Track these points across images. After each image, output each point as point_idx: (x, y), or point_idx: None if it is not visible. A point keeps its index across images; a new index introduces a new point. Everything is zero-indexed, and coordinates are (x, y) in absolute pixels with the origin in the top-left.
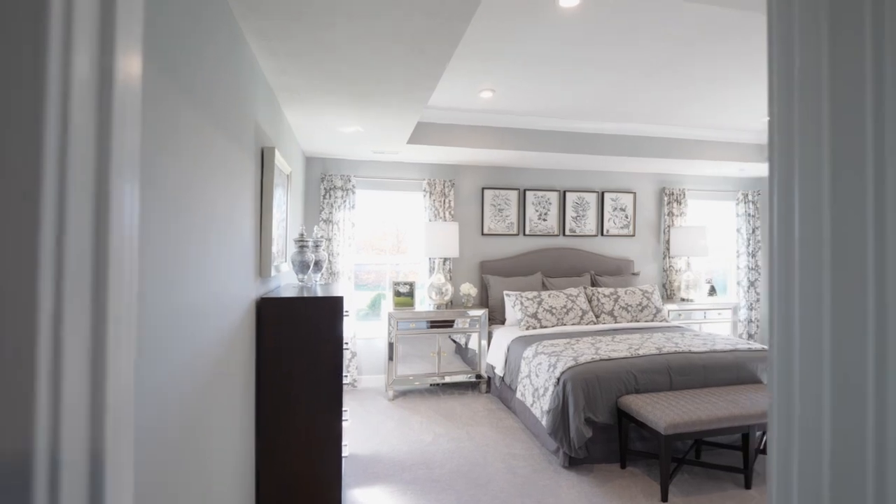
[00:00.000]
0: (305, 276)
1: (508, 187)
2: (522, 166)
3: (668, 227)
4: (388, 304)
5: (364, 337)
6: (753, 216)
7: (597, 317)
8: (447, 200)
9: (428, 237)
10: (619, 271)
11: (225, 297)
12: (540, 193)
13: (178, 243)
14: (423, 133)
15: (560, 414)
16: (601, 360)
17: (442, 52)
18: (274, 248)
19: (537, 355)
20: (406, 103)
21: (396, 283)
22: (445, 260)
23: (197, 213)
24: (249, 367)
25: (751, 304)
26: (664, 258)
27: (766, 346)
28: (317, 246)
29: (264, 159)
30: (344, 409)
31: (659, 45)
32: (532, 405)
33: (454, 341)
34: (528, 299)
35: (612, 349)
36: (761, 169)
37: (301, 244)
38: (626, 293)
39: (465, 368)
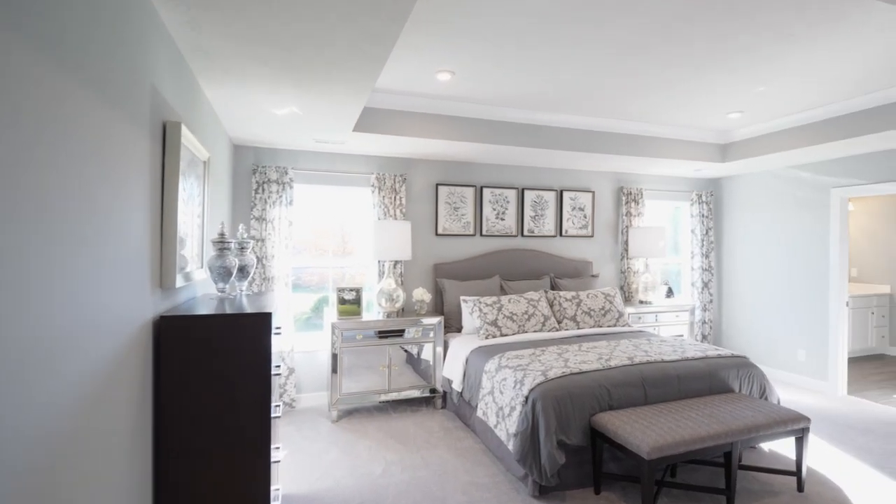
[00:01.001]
0: (227, 286)
1: (464, 184)
2: (479, 161)
3: (627, 227)
4: (332, 312)
5: (304, 350)
6: (707, 217)
7: (559, 322)
8: (398, 197)
9: (377, 237)
10: (578, 273)
11: (97, 318)
12: (497, 191)
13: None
14: (371, 120)
15: (530, 437)
16: (572, 373)
17: (398, 8)
18: (184, 252)
19: (501, 369)
20: (353, 77)
21: (341, 290)
22: (396, 263)
23: (46, 204)
24: (142, 408)
25: (704, 304)
26: (622, 259)
27: (735, 353)
28: (242, 248)
29: (167, 137)
30: (275, 446)
31: (632, 23)
32: (496, 426)
33: (406, 351)
34: (486, 305)
35: (582, 360)
36: (717, 169)
37: (221, 246)
38: (588, 297)
39: (418, 382)
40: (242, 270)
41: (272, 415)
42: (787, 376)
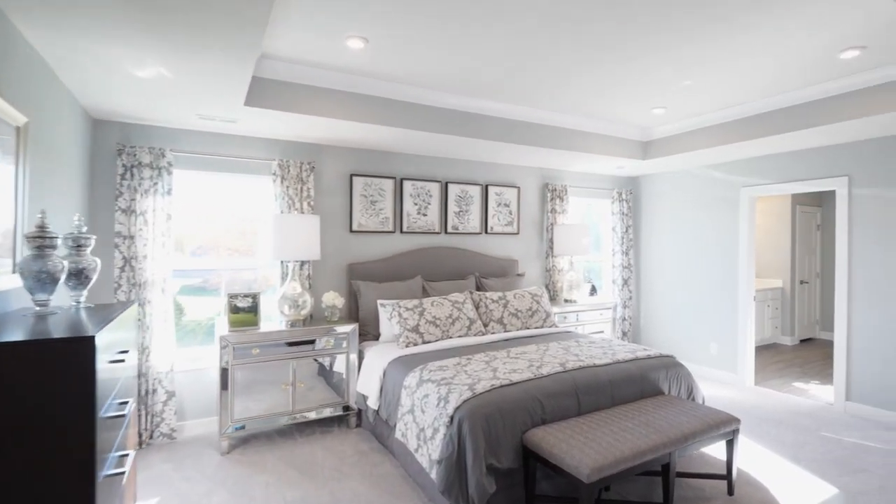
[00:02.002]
0: (50, 297)
1: (383, 175)
2: (400, 151)
3: (552, 224)
4: (223, 323)
5: (189, 368)
6: (627, 214)
7: (485, 326)
8: (305, 188)
9: (278, 234)
10: (504, 272)
11: None
12: (420, 184)
13: None
14: (268, 92)
15: (455, 464)
16: (502, 385)
17: None
18: None
19: (423, 384)
20: (235, 25)
21: (233, 296)
22: (303, 263)
23: None
24: None
25: (625, 302)
26: (547, 257)
27: (663, 352)
28: (79, 246)
29: None
30: None
31: None
32: (417, 450)
33: (318, 362)
34: (407, 310)
35: (512, 369)
36: (638, 167)
37: (40, 244)
38: (514, 297)
39: (331, 399)
40: (79, 276)
41: (105, 473)
42: (701, 370)
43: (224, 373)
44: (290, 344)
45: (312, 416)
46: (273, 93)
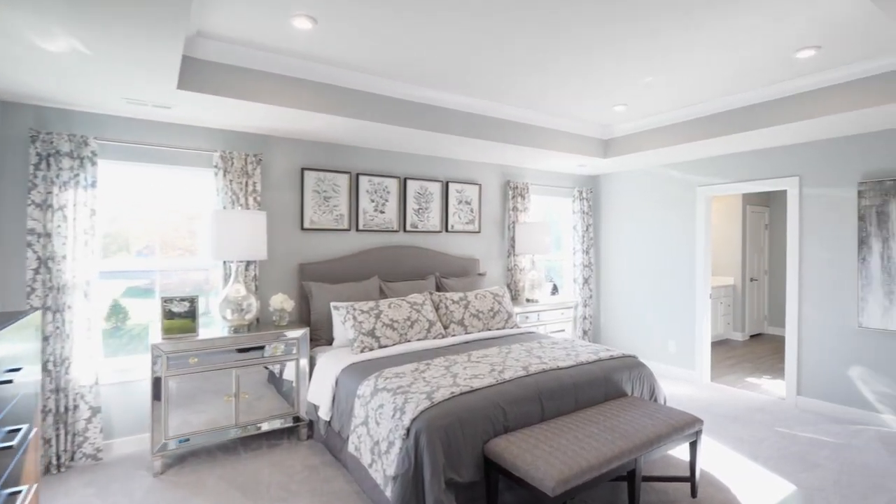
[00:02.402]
0: None
1: (338, 170)
2: (355, 144)
3: (513, 223)
4: (158, 329)
5: (116, 381)
6: (588, 213)
7: (445, 328)
8: (251, 182)
9: (219, 232)
10: (465, 272)
11: None
12: (377, 180)
13: None
14: (206, 75)
15: (412, 481)
16: (462, 393)
17: None
18: None
19: (378, 392)
20: None
21: (167, 300)
22: (249, 264)
23: None
24: None
25: (585, 300)
26: (509, 256)
27: (625, 352)
28: None
29: None
30: None
31: None
32: (371, 465)
33: (268, 369)
34: (362, 312)
35: (473, 374)
36: (598, 165)
37: None
38: (476, 298)
39: (279, 409)
40: None
41: None
42: (660, 367)
43: (157, 385)
44: (238, 350)
45: (259, 428)
46: (211, 76)
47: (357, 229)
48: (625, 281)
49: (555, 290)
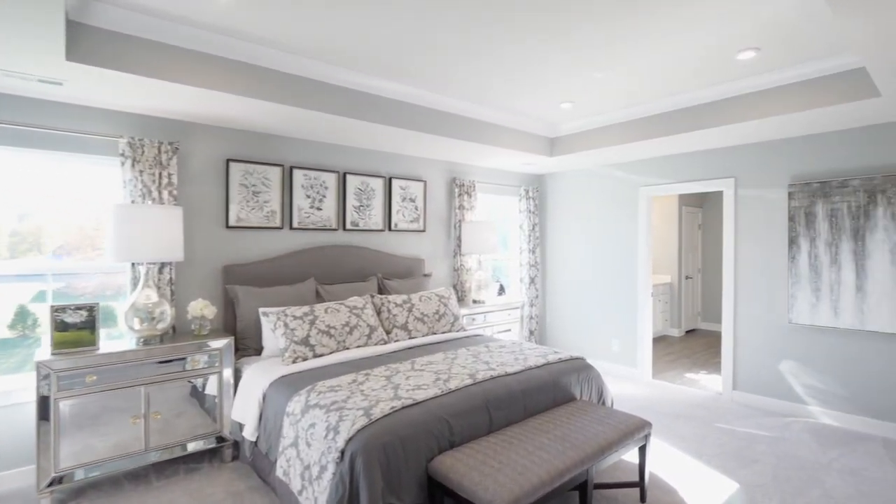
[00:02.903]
0: None
1: (268, 162)
2: (288, 134)
3: (460, 221)
4: (48, 343)
5: (2, 403)
6: (534, 212)
7: (388, 333)
8: (166, 174)
9: (124, 229)
10: (410, 273)
11: None
12: (313, 174)
13: None
14: (105, 46)
15: None
16: (404, 406)
17: None
18: None
19: (309, 410)
20: None
21: (58, 310)
22: (164, 266)
23: None
24: None
25: (531, 300)
26: (455, 256)
27: (573, 354)
28: None
29: None
30: None
31: None
32: (301, 492)
33: (191, 382)
34: (295, 318)
35: (416, 385)
36: (544, 164)
37: None
38: (420, 300)
39: (201, 429)
40: None
41: None
42: (604, 366)
43: (43, 408)
44: (148, 365)
45: (177, 451)
46: (111, 47)
47: (291, 227)
48: (570, 280)
49: (501, 290)
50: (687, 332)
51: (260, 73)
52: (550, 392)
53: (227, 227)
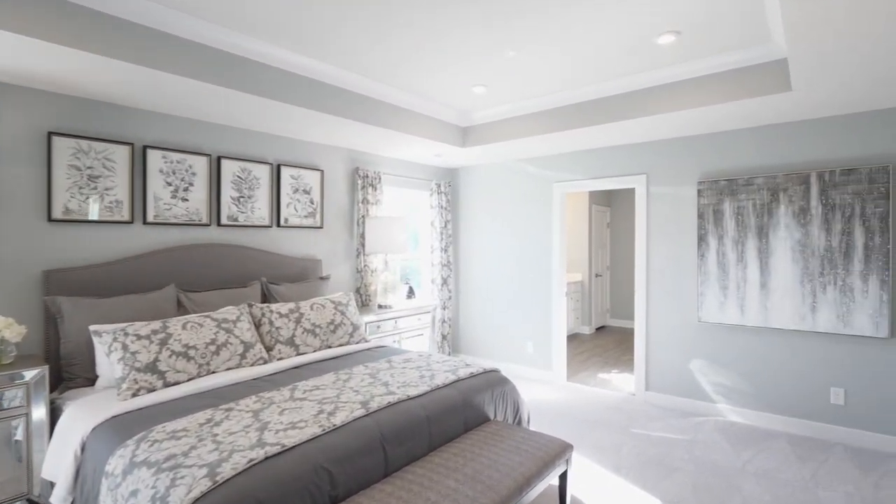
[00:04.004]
0: None
1: (112, 139)
2: (141, 105)
3: (363, 217)
4: None
5: None
6: (446, 208)
7: (269, 350)
8: None
9: None
10: (303, 276)
11: None
12: (176, 157)
13: None
14: None
15: None
16: (268, 457)
17: None
18: None
19: (134, 468)
20: None
21: None
22: None
23: None
24: None
25: (444, 303)
26: (359, 256)
27: (486, 367)
28: None
29: None
30: None
31: None
32: None
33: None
34: (138, 338)
35: (291, 422)
36: (457, 156)
37: None
38: (312, 308)
39: (6, 488)
40: None
41: None
42: (519, 370)
43: None
44: None
45: None
46: None
47: (145, 222)
48: (484, 281)
49: (411, 292)
50: (597, 328)
51: (99, 19)
52: (461, 414)
53: (50, 220)
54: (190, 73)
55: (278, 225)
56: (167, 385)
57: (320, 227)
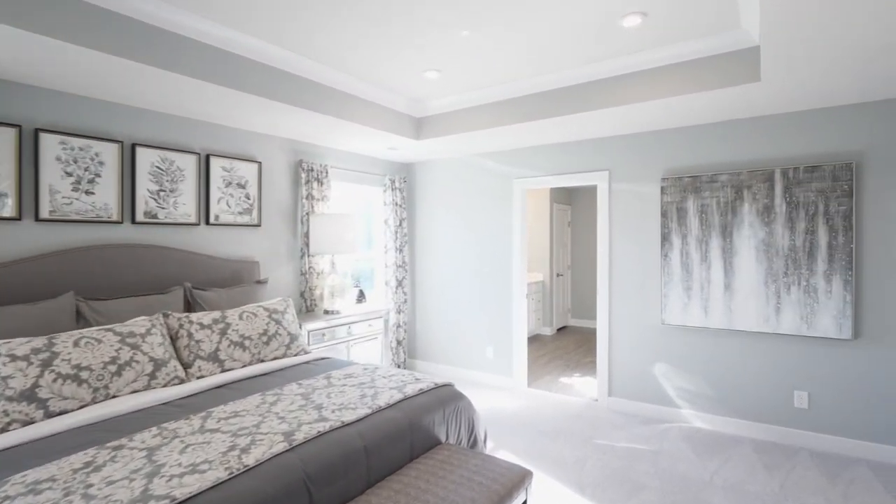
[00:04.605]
0: None
1: None
2: (28, 79)
3: (308, 214)
4: None
5: None
6: (401, 206)
7: (187, 367)
8: None
9: None
10: (236, 280)
11: None
12: (79, 143)
13: None
14: None
15: None
16: None
17: None
18: None
19: None
20: None
21: None
22: None
23: None
24: None
25: (399, 306)
26: (303, 257)
27: (438, 381)
28: None
29: None
30: None
31: None
32: None
33: None
34: (14, 359)
35: (192, 463)
36: (411, 149)
37: None
38: (241, 318)
39: None
40: None
41: None
42: (479, 376)
43: None
44: None
45: None
46: None
47: (37, 218)
48: (442, 282)
49: (361, 296)
50: (558, 329)
51: None
52: (406, 440)
53: None
54: (91, 44)
55: (207, 223)
56: (49, 416)
57: (258, 226)
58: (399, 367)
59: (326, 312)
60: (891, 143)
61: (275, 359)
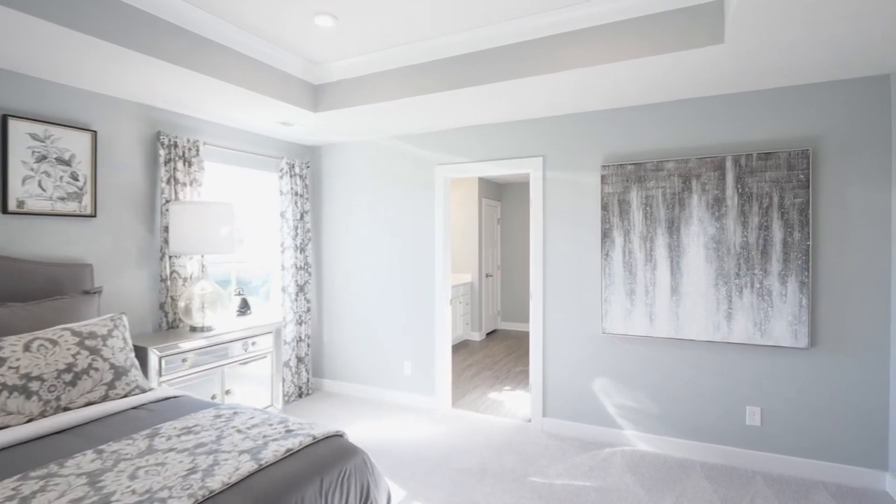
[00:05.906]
0: None
1: None
2: None
3: (169, 202)
4: None
5: None
6: (303, 196)
7: None
8: None
9: None
10: (54, 289)
11: None
12: None
13: None
14: None
15: None
16: None
17: None
18: None
19: None
20: None
21: None
22: None
23: None
24: None
25: (300, 317)
26: (163, 259)
27: (320, 435)
28: None
29: None
30: None
31: None
32: None
33: None
34: None
35: None
36: (309, 123)
37: None
38: (27, 348)
39: None
40: None
41: None
42: (395, 396)
43: None
44: None
45: None
46: None
47: None
48: (353, 287)
49: (245, 307)
50: (488, 333)
51: None
52: None
53: None
54: None
55: (5, 211)
56: None
57: (91, 216)
58: (300, 391)
59: (194, 330)
60: (849, 128)
61: (88, 404)
